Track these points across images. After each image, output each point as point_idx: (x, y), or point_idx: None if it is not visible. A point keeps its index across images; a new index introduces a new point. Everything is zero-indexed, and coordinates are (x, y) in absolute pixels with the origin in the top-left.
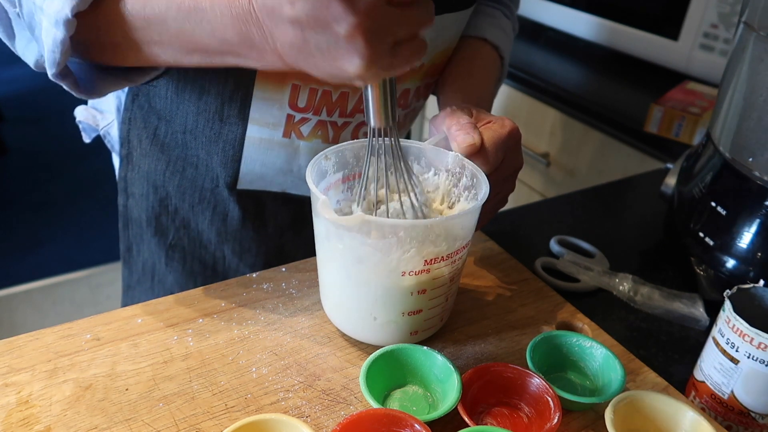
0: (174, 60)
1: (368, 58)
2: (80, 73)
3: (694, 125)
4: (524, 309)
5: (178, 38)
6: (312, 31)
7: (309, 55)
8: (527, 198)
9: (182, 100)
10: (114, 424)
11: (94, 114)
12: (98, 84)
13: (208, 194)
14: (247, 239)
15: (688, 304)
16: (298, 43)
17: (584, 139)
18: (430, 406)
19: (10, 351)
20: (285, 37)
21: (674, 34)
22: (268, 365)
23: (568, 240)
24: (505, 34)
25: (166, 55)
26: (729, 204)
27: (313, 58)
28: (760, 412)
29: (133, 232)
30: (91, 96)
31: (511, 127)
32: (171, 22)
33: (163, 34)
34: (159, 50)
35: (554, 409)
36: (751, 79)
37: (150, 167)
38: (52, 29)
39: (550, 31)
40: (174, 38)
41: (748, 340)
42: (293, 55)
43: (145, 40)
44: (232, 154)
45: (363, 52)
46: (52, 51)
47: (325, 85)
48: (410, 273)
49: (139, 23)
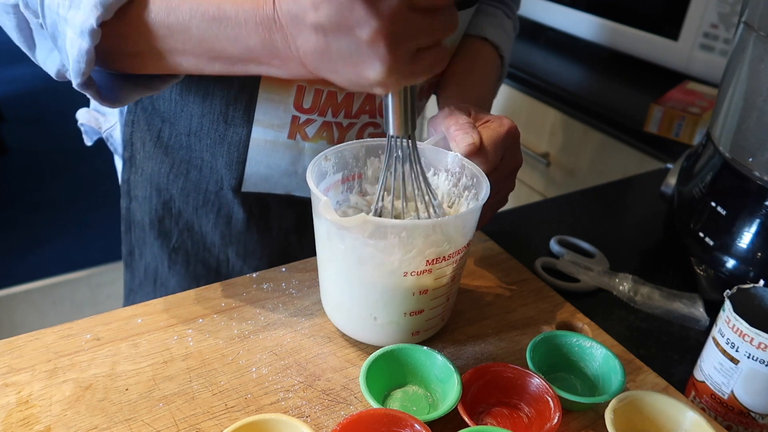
0: (196, 68)
1: (390, 64)
2: (102, 82)
3: (694, 125)
4: (524, 309)
5: (201, 46)
6: (334, 36)
7: (331, 62)
8: (527, 198)
9: (187, 102)
10: (114, 424)
11: (96, 116)
12: (120, 92)
13: (212, 197)
14: (251, 242)
15: (688, 304)
16: (320, 49)
17: (584, 139)
18: (430, 406)
19: (10, 351)
20: (307, 43)
21: (674, 34)
22: (268, 365)
23: (568, 240)
24: (506, 33)
25: (188, 64)
26: (729, 204)
27: (335, 65)
28: (760, 412)
29: (135, 236)
30: (114, 105)
31: (510, 125)
32: (194, 30)
33: (186, 43)
34: (182, 59)
35: (554, 409)
36: (751, 79)
37: (153, 170)
38: (77, 39)
39: (550, 31)
40: (197, 46)
41: (748, 340)
42: (315, 61)
43: (167, 49)
44: (237, 156)
45: (385, 57)
46: (77, 61)
47: (330, 86)
48: (412, 273)
49: (163, 31)
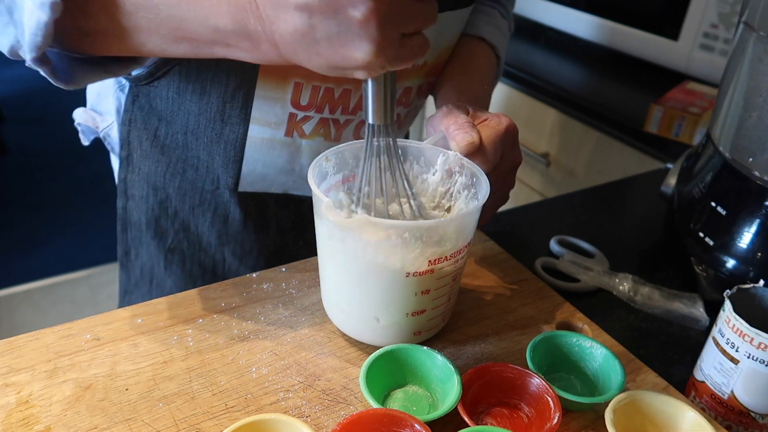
0: (159, 49)
1: (379, 44)
2: (58, 62)
3: (694, 125)
4: (524, 309)
5: (167, 24)
6: (321, 16)
7: (312, 43)
8: (527, 198)
9: (183, 100)
10: (114, 424)
11: (93, 116)
12: (75, 74)
13: (209, 196)
14: (248, 241)
15: (688, 304)
16: (302, 30)
17: (584, 139)
18: (430, 406)
19: (10, 351)
20: (287, 25)
21: (674, 34)
22: (268, 365)
23: (568, 240)
24: (502, 33)
25: (151, 44)
26: (729, 204)
27: (317, 46)
28: (760, 412)
29: (131, 236)
30: (68, 86)
31: (508, 123)
32: (162, 7)
33: (152, 20)
34: (145, 38)
35: (554, 409)
36: (751, 79)
37: (150, 169)
38: (36, 11)
39: (550, 31)
40: (162, 24)
41: (748, 340)
42: (292, 44)
43: (131, 27)
44: (234, 155)
45: (375, 38)
46: (33, 34)
47: (327, 83)
48: (414, 274)
49: (128, 7)
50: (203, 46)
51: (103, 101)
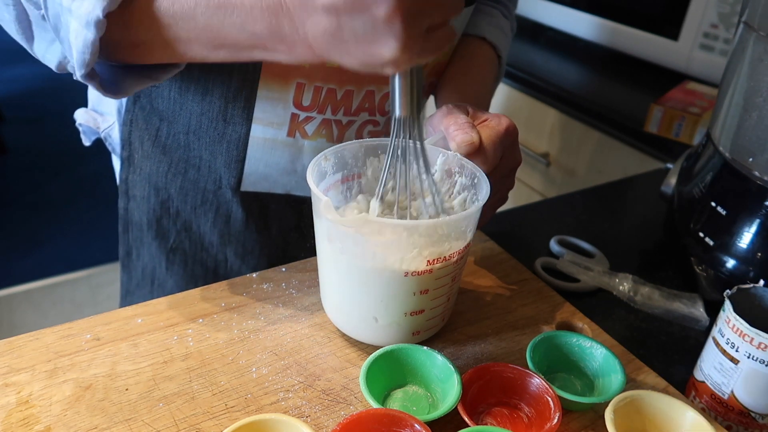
0: (201, 56)
1: (404, 41)
2: (104, 73)
3: (694, 125)
4: (524, 309)
5: (205, 34)
6: (348, 16)
7: (342, 43)
8: (527, 198)
9: (185, 100)
10: (114, 424)
11: (94, 116)
12: (122, 83)
13: (211, 196)
14: (250, 241)
15: (688, 304)
16: (331, 31)
17: (584, 139)
18: (430, 406)
19: (10, 351)
20: (317, 26)
21: (674, 34)
22: (268, 365)
23: (568, 240)
24: (503, 33)
25: (193, 52)
26: (729, 204)
27: (346, 45)
28: (760, 412)
29: (133, 236)
30: (116, 96)
31: (508, 124)
32: (200, 18)
33: (191, 31)
34: (186, 47)
35: (554, 409)
36: (751, 79)
37: (151, 169)
38: (82, 30)
39: (550, 31)
40: (202, 34)
41: (748, 340)
42: (325, 44)
43: (172, 37)
44: (236, 155)
45: (400, 35)
46: (81, 52)
47: (329, 84)
48: (413, 273)
49: (167, 20)
50: (242, 51)
51: (104, 101)
